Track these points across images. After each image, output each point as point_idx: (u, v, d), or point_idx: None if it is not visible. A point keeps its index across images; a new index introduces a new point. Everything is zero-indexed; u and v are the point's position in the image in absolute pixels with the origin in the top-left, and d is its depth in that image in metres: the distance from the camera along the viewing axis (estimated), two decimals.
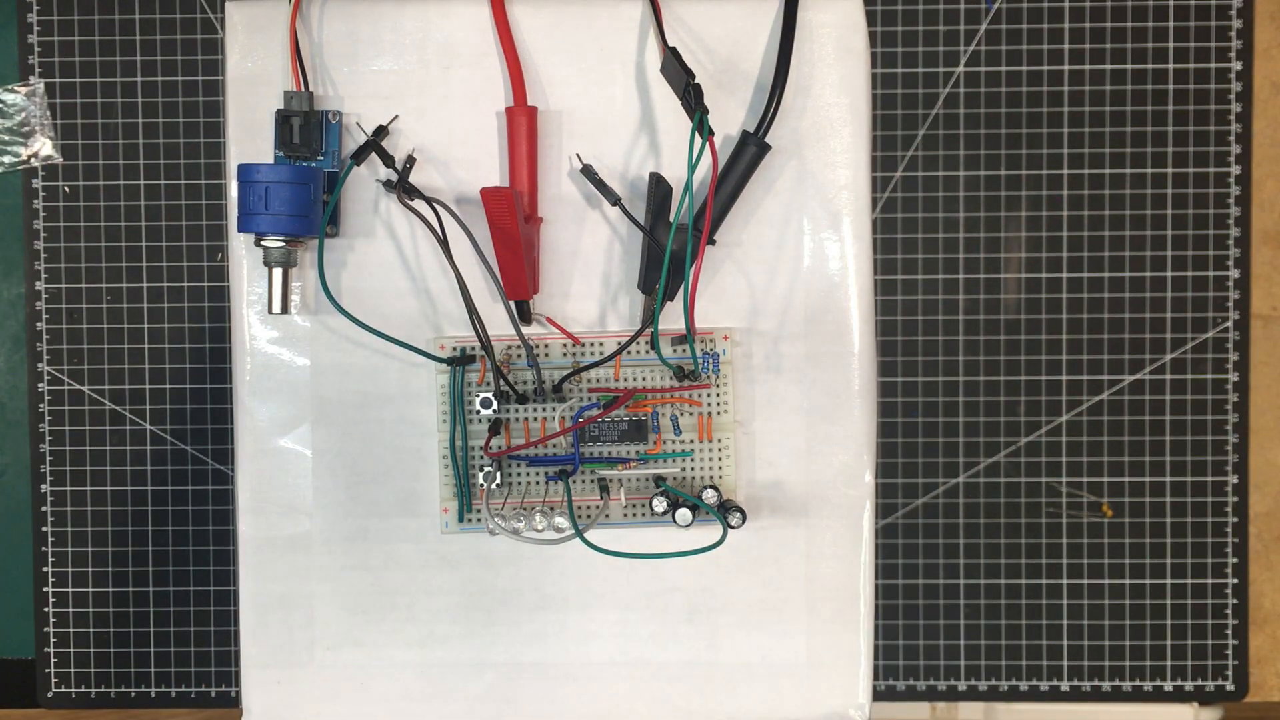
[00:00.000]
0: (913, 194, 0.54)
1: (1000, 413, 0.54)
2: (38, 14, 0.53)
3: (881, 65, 0.54)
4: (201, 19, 0.54)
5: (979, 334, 0.54)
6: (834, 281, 0.32)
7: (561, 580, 0.32)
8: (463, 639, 0.32)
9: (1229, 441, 0.54)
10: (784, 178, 0.32)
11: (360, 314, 0.31)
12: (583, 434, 0.32)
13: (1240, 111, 0.54)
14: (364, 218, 0.32)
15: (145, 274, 0.54)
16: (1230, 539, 0.54)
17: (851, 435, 0.32)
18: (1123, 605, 0.54)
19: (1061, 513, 0.55)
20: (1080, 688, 0.55)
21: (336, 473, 0.32)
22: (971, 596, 0.55)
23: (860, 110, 0.32)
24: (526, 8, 0.32)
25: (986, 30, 0.54)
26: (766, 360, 0.32)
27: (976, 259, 0.54)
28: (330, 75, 0.32)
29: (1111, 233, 0.54)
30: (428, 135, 0.32)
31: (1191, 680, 0.55)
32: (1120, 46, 0.54)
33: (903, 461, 0.55)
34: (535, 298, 0.32)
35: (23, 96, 0.54)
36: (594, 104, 0.32)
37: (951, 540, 0.55)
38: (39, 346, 0.54)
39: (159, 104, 0.54)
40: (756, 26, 0.32)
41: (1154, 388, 0.54)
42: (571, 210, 0.32)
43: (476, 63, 0.32)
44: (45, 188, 0.54)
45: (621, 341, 0.32)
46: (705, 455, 0.32)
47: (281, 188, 0.30)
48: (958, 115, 0.54)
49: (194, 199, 0.54)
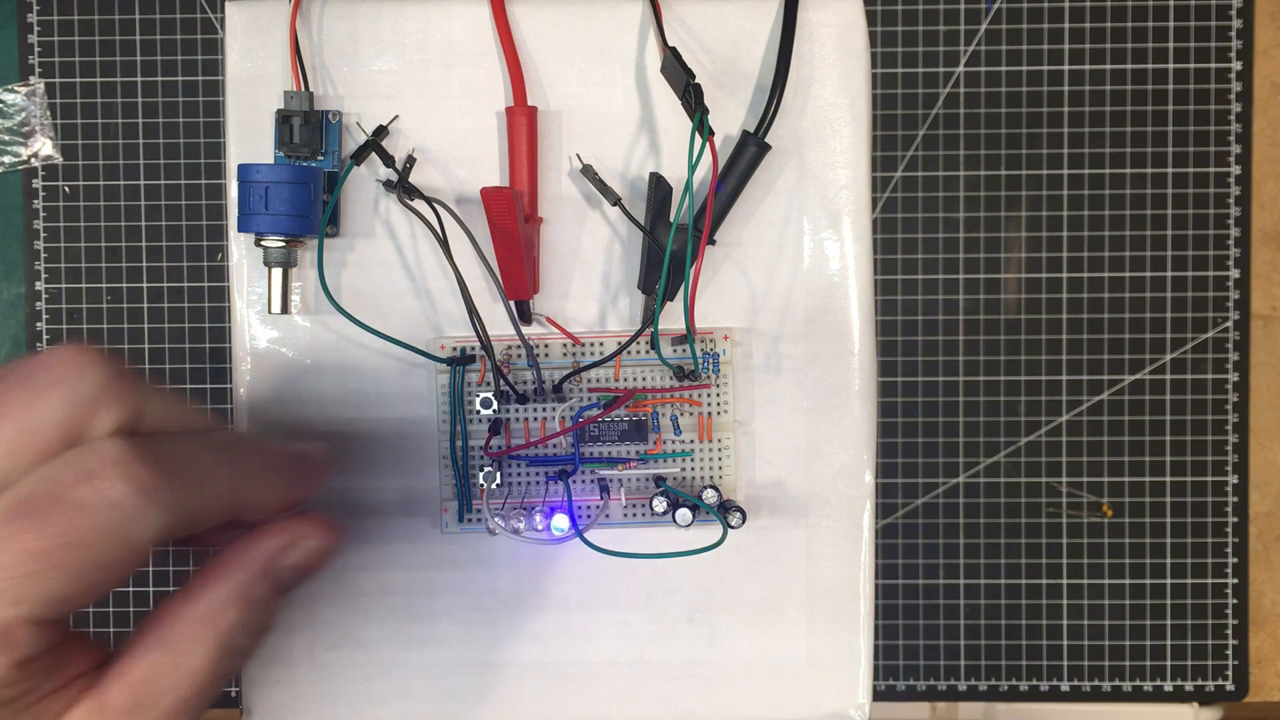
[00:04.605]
0: (913, 194, 0.54)
1: (1000, 413, 0.54)
2: (38, 14, 0.53)
3: (881, 65, 0.54)
4: (201, 19, 0.54)
5: (979, 334, 0.54)
6: (834, 281, 0.32)
7: (562, 580, 0.32)
8: (463, 639, 0.32)
9: (1229, 441, 0.54)
10: (784, 178, 0.32)
11: (360, 314, 0.31)
12: (583, 434, 0.32)
13: (1240, 111, 0.54)
14: (364, 218, 0.32)
15: (145, 274, 0.54)
16: (1230, 539, 0.54)
17: (851, 435, 0.32)
18: (1123, 605, 0.54)
19: (1061, 513, 0.55)
20: (1080, 688, 0.55)
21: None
22: (971, 596, 0.55)
23: (860, 110, 0.32)
24: (526, 8, 0.32)
25: (986, 30, 0.54)
26: (766, 360, 0.32)
27: (976, 259, 0.54)
28: (330, 75, 0.32)
29: (1111, 233, 0.54)
30: (428, 135, 0.32)
31: (1191, 680, 0.55)
32: (1120, 46, 0.54)
33: (903, 461, 0.55)
34: (535, 298, 0.32)
35: (23, 96, 0.54)
36: (594, 104, 0.32)
37: (951, 540, 0.55)
38: (39, 346, 0.54)
39: (159, 104, 0.54)
40: (756, 26, 0.32)
41: (1154, 388, 0.54)
42: (571, 210, 0.32)
43: (476, 62, 0.32)
44: (45, 188, 0.54)
45: (621, 341, 0.32)
46: (705, 455, 0.32)
47: (281, 188, 0.30)
48: (958, 115, 0.54)
49: (194, 199, 0.54)
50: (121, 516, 0.22)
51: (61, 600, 0.21)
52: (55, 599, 0.21)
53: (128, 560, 0.22)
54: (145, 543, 0.22)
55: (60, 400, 0.22)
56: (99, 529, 0.21)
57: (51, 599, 0.21)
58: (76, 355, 0.23)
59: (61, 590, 0.21)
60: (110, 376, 0.23)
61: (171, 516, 0.23)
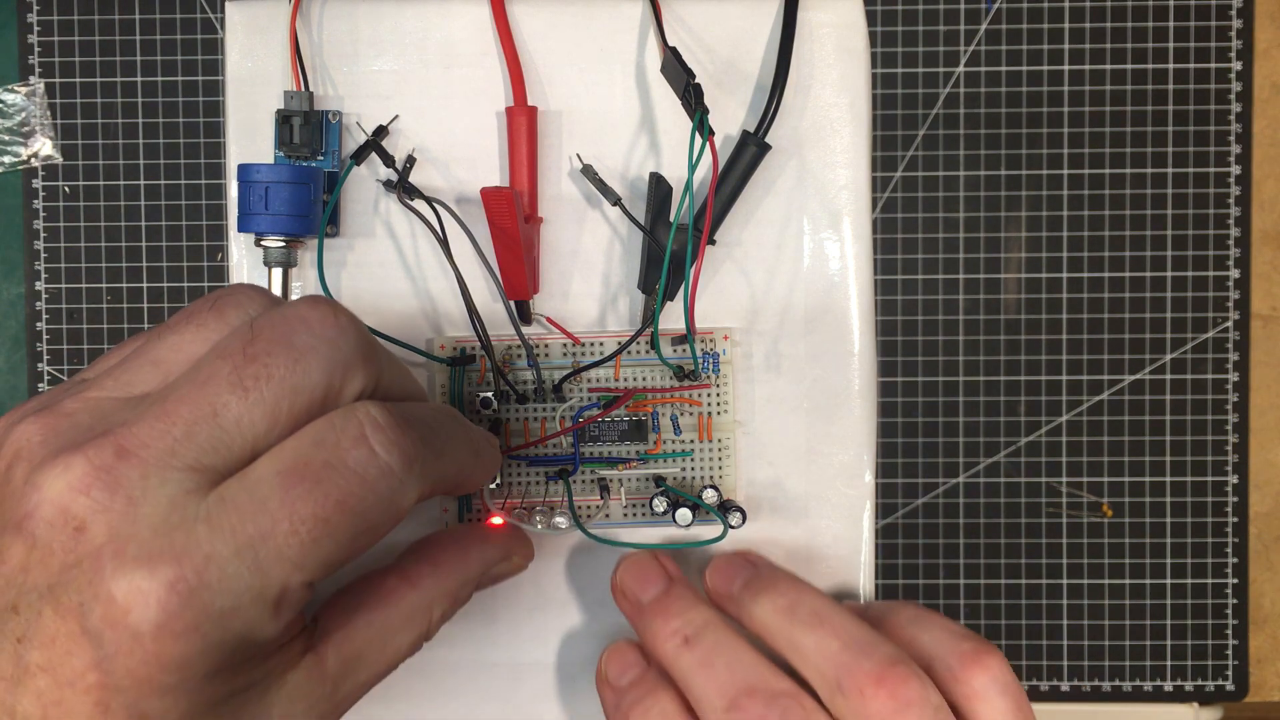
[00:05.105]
0: (913, 194, 0.54)
1: (1000, 413, 0.54)
2: (38, 14, 0.53)
3: (881, 65, 0.54)
4: (201, 19, 0.54)
5: (979, 334, 0.54)
6: (834, 281, 0.32)
7: (562, 580, 0.32)
8: (464, 639, 0.32)
9: (1229, 441, 0.54)
10: (784, 178, 0.32)
11: (360, 314, 0.31)
12: (583, 434, 0.32)
13: (1240, 111, 0.54)
14: (364, 218, 0.32)
15: (145, 274, 0.54)
16: (1230, 539, 0.54)
17: (851, 435, 0.32)
18: (1123, 605, 0.55)
19: (1061, 513, 0.55)
20: (1080, 688, 0.55)
21: None
22: (971, 596, 0.55)
23: (860, 110, 0.32)
24: (526, 8, 0.32)
25: (986, 30, 0.54)
26: (766, 360, 0.32)
27: (976, 259, 0.54)
28: (330, 75, 0.32)
29: (1111, 233, 0.54)
30: (428, 135, 0.32)
31: (1191, 680, 0.55)
32: (1120, 46, 0.54)
33: (903, 461, 0.55)
34: (535, 298, 0.32)
35: (23, 96, 0.54)
36: (594, 104, 0.32)
37: (951, 540, 0.55)
38: (39, 346, 0.54)
39: (159, 104, 0.54)
40: (756, 26, 0.32)
41: (1154, 388, 0.54)
42: (571, 210, 0.32)
43: (476, 62, 0.32)
44: (45, 188, 0.54)
45: (621, 341, 0.32)
46: (705, 455, 0.32)
47: (281, 188, 0.30)
48: (958, 115, 0.54)
49: (194, 199, 0.54)
50: (391, 483, 0.22)
51: (333, 565, 0.21)
52: (328, 563, 0.21)
53: (388, 527, 0.22)
54: (404, 510, 0.23)
55: (322, 363, 0.22)
56: (371, 495, 0.21)
57: (325, 563, 0.21)
58: (336, 315, 0.23)
59: (334, 555, 0.21)
60: (362, 339, 0.23)
61: (424, 486, 0.23)
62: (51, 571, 0.20)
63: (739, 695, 0.25)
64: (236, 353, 0.21)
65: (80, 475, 0.20)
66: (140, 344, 0.23)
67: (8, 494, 0.21)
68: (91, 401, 0.22)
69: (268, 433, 0.21)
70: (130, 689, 0.20)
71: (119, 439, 0.20)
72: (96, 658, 0.20)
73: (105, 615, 0.19)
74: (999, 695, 0.26)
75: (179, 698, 0.20)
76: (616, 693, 0.28)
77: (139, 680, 0.20)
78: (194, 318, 0.23)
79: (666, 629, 0.27)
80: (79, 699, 0.20)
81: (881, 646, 0.26)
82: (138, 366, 0.23)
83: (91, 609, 0.20)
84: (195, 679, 0.20)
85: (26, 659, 0.20)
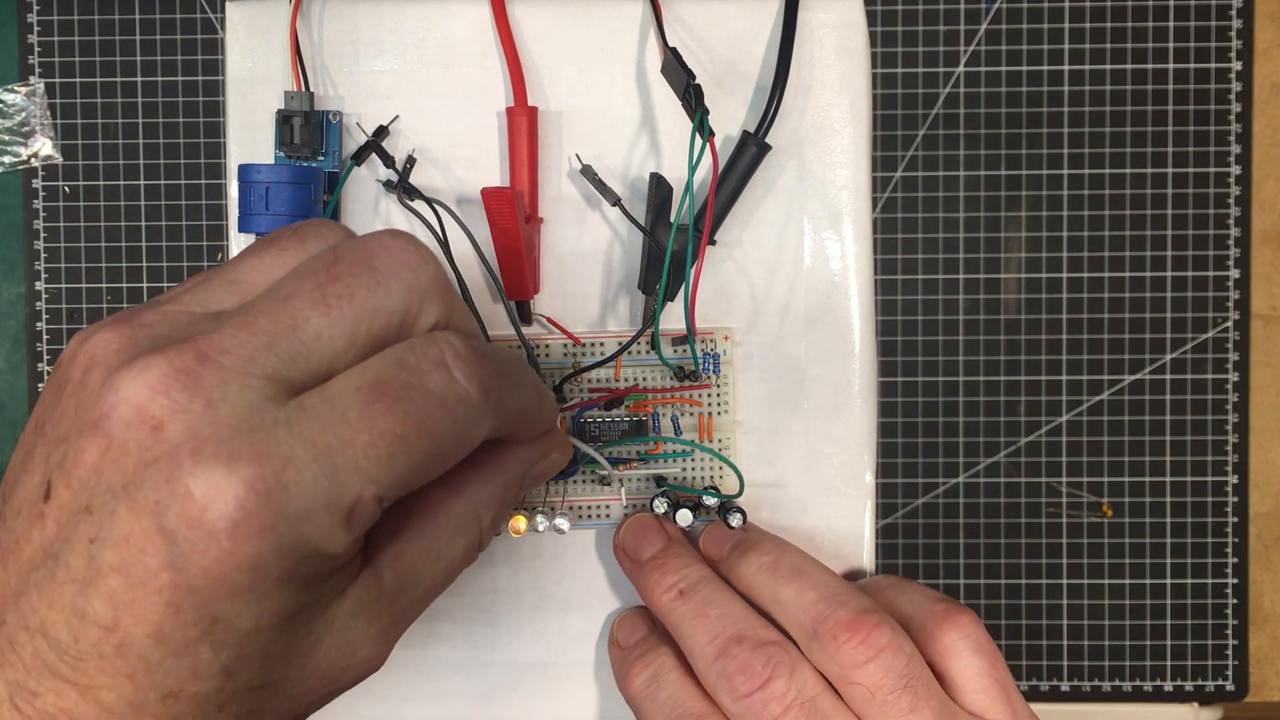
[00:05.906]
0: (913, 194, 0.54)
1: (1000, 413, 0.54)
2: (38, 14, 0.53)
3: (881, 65, 0.54)
4: (201, 19, 0.54)
5: (979, 334, 0.54)
6: (834, 281, 0.32)
7: (562, 580, 0.32)
8: (464, 638, 0.32)
9: (1229, 441, 0.54)
10: (784, 178, 0.32)
11: None
12: (583, 434, 0.32)
13: (1240, 111, 0.54)
14: (364, 218, 0.32)
15: (145, 274, 0.54)
16: (1230, 539, 0.54)
17: (851, 435, 0.32)
18: (1123, 605, 0.55)
19: (1061, 513, 0.55)
20: (1080, 688, 0.55)
21: None
22: (971, 596, 0.55)
23: (860, 110, 0.32)
24: (527, 8, 0.32)
25: (986, 30, 0.54)
26: (766, 360, 0.32)
27: (976, 259, 0.54)
28: (330, 75, 0.32)
29: (1111, 233, 0.54)
30: (428, 135, 0.32)
31: (1191, 680, 0.55)
32: (1120, 46, 0.54)
33: (903, 461, 0.55)
34: (535, 298, 0.32)
35: (23, 96, 0.54)
36: (594, 104, 0.32)
37: (951, 540, 0.55)
38: (39, 346, 0.54)
39: (159, 104, 0.54)
40: (756, 26, 0.32)
41: (1154, 388, 0.54)
42: (571, 210, 0.32)
43: (477, 62, 0.32)
44: (45, 188, 0.54)
45: (622, 342, 0.32)
46: (706, 455, 0.32)
47: (281, 188, 0.30)
48: (958, 115, 0.54)
49: (194, 199, 0.54)
50: (468, 410, 0.22)
51: (404, 484, 0.21)
52: (400, 482, 0.21)
53: (459, 454, 0.23)
54: (475, 441, 0.23)
55: (402, 288, 0.22)
56: (448, 419, 0.22)
57: (398, 481, 0.21)
58: (416, 246, 0.23)
59: (407, 475, 0.21)
60: (440, 273, 0.23)
61: (496, 419, 0.23)
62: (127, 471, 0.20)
63: (729, 643, 0.27)
64: (320, 272, 0.22)
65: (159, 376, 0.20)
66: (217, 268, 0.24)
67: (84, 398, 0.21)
68: (170, 314, 0.22)
69: (345, 351, 0.21)
70: (203, 589, 0.19)
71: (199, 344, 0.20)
72: (170, 556, 0.19)
73: (182, 512, 0.19)
74: (971, 652, 0.27)
75: (249, 602, 0.20)
76: (623, 651, 0.31)
77: (212, 579, 0.19)
78: (275, 243, 0.23)
79: (664, 583, 0.30)
80: (150, 599, 0.19)
81: (856, 598, 0.27)
82: (216, 285, 0.23)
83: (168, 506, 0.19)
84: (266, 582, 0.20)
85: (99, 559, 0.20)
